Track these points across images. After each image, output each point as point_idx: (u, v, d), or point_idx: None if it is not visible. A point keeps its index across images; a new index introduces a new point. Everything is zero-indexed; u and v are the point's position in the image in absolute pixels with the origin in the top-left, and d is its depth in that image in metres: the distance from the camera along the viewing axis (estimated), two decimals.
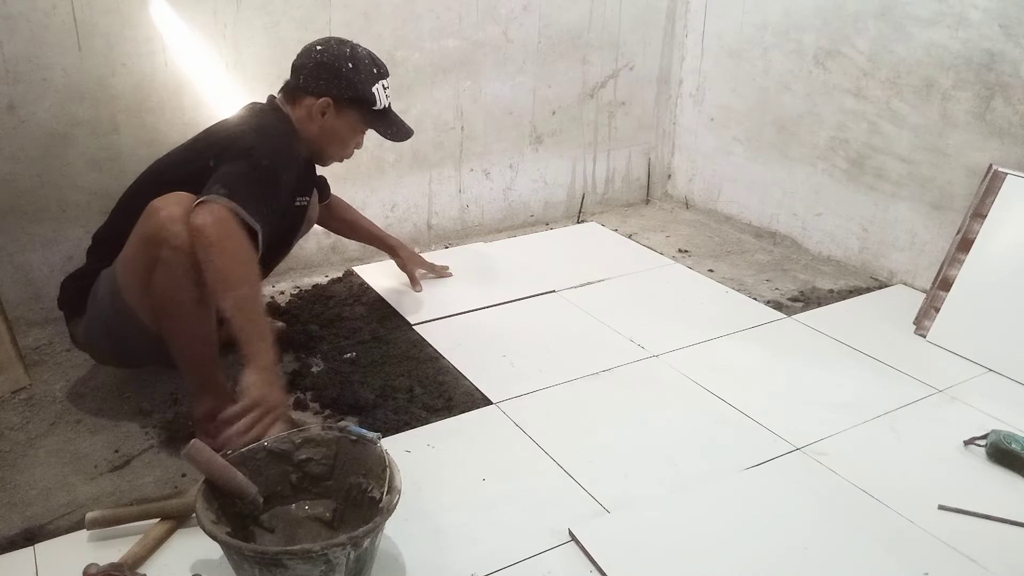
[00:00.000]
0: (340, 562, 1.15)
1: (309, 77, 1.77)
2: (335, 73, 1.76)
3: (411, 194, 2.71)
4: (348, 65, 1.76)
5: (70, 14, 1.97)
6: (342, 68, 1.76)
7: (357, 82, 1.77)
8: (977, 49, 2.16)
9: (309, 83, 1.77)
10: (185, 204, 1.49)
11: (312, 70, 1.77)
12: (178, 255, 1.47)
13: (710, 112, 3.05)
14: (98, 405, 1.80)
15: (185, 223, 1.47)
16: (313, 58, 1.77)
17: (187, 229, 1.46)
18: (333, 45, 1.79)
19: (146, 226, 1.51)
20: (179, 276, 1.49)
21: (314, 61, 1.77)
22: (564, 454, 1.64)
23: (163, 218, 1.48)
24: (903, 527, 1.45)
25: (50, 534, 1.40)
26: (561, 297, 2.37)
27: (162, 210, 1.49)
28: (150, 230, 1.49)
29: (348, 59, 1.77)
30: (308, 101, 1.78)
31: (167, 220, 1.47)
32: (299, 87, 1.78)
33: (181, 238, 1.46)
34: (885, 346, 2.09)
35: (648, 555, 1.36)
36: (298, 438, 1.38)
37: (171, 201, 1.50)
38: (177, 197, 1.52)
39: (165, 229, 1.47)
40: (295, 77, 1.79)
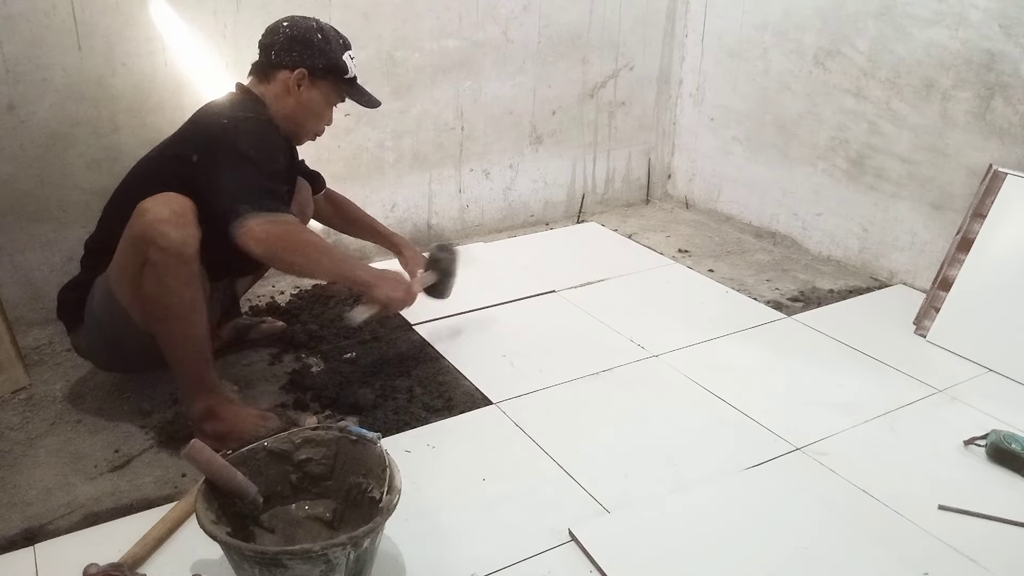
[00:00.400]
0: (340, 562, 1.15)
1: (281, 51, 1.75)
2: (307, 44, 1.74)
3: (411, 194, 2.71)
4: (318, 36, 1.76)
5: (70, 14, 1.97)
6: (313, 39, 1.75)
7: (329, 51, 1.76)
8: (977, 49, 2.16)
9: (282, 57, 1.75)
10: (173, 205, 1.50)
11: (283, 44, 1.75)
12: (166, 256, 1.47)
13: (710, 112, 3.05)
14: (98, 405, 1.80)
15: (174, 224, 1.47)
16: (283, 33, 1.75)
17: (176, 231, 1.47)
18: (299, 20, 1.78)
19: (134, 227, 1.51)
20: (167, 278, 1.49)
21: (284, 36, 1.75)
22: (564, 454, 1.64)
23: (150, 219, 1.48)
24: (903, 527, 1.45)
25: (50, 534, 1.40)
26: (561, 297, 2.37)
27: (149, 211, 1.49)
28: (138, 231, 1.49)
29: (316, 31, 1.76)
30: (283, 75, 1.75)
31: (154, 221, 1.47)
32: (271, 63, 1.76)
33: (169, 239, 1.46)
34: (885, 346, 2.09)
35: (648, 555, 1.36)
36: (298, 438, 1.38)
37: (159, 202, 1.50)
38: (165, 197, 1.51)
39: (153, 229, 1.47)
40: (265, 55, 1.77)
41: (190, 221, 1.51)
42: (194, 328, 1.55)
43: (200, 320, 1.57)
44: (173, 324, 1.54)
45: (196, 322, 1.55)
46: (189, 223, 1.51)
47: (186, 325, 1.54)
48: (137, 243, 1.50)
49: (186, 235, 1.49)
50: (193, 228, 1.51)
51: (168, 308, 1.52)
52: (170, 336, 1.55)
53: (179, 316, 1.53)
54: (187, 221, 1.51)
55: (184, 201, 1.52)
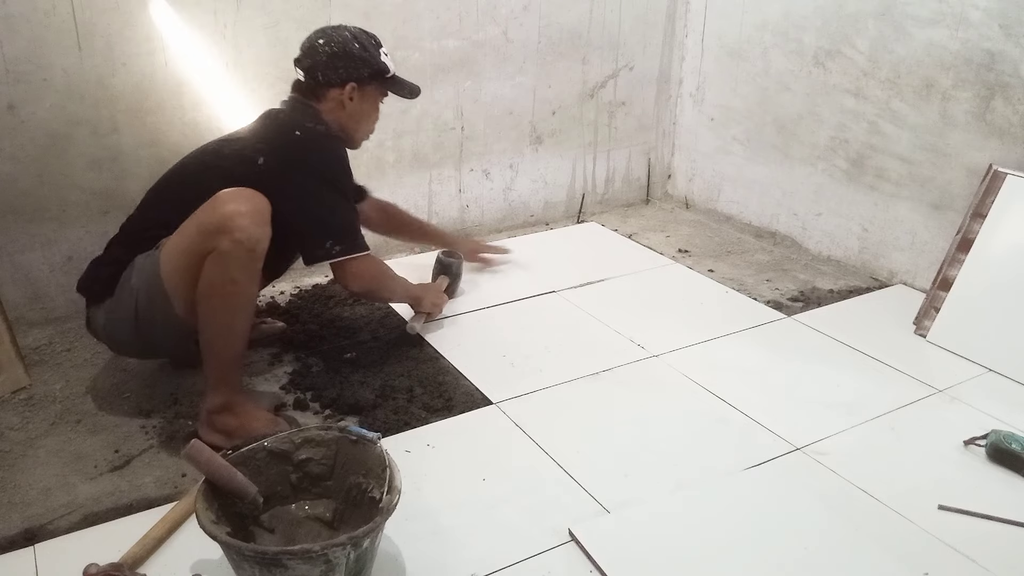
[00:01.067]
0: (340, 562, 1.15)
1: (327, 70, 1.80)
2: (350, 57, 1.80)
3: (411, 194, 2.70)
4: (356, 45, 1.81)
5: (70, 14, 1.97)
6: (352, 50, 1.80)
7: (370, 58, 1.83)
8: (977, 49, 2.16)
9: (329, 76, 1.80)
10: (255, 202, 1.56)
11: (327, 63, 1.79)
12: (238, 249, 1.51)
13: (710, 112, 3.05)
14: (98, 405, 1.80)
15: (252, 220, 1.53)
16: (323, 52, 1.80)
17: (254, 227, 1.53)
18: (331, 33, 1.83)
19: (209, 215, 1.54)
20: (233, 270, 1.53)
21: (325, 54, 1.80)
22: (564, 454, 1.64)
23: (231, 211, 1.52)
24: (903, 527, 1.45)
25: (50, 534, 1.40)
26: (561, 297, 2.37)
27: (230, 203, 1.53)
28: (214, 219, 1.53)
29: (353, 40, 1.81)
30: (333, 93, 1.82)
31: (235, 213, 1.52)
32: (320, 84, 1.81)
33: (247, 232, 1.51)
34: (885, 346, 2.09)
35: (648, 555, 1.36)
36: (298, 438, 1.38)
37: (241, 196, 1.55)
38: (248, 193, 1.56)
39: (232, 221, 1.51)
40: (311, 77, 1.82)
41: (267, 221, 1.58)
42: (242, 323, 1.60)
43: (248, 317, 1.62)
44: (225, 315, 1.57)
45: (245, 318, 1.61)
46: (266, 223, 1.57)
47: (236, 318, 1.58)
48: (208, 230, 1.53)
49: (261, 233, 1.56)
50: (268, 228, 1.58)
51: (225, 299, 1.55)
52: (217, 325, 1.58)
53: (233, 308, 1.57)
54: (264, 220, 1.57)
55: (264, 201, 1.58)
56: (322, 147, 1.76)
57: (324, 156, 1.76)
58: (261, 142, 1.73)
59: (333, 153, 1.79)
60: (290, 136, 1.73)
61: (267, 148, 1.70)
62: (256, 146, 1.72)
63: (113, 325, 1.71)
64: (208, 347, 1.60)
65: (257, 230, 1.54)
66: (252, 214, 1.54)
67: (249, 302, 1.60)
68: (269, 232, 1.58)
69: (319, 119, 1.80)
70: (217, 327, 1.58)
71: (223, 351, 1.60)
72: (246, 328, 1.62)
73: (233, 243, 1.51)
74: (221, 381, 1.62)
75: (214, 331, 1.58)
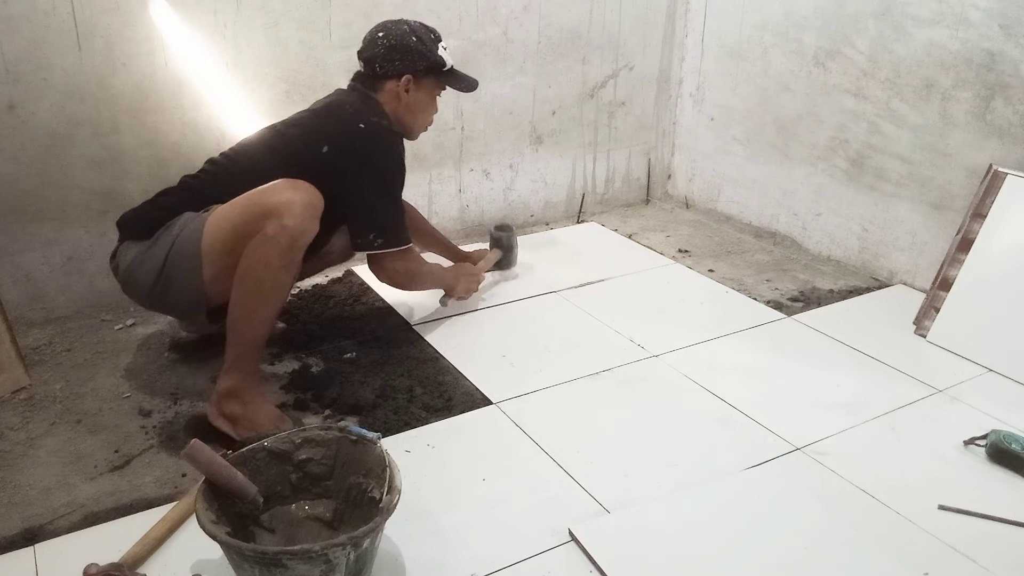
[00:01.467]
0: (340, 562, 1.15)
1: (385, 62, 1.86)
2: (407, 50, 1.86)
3: (411, 194, 2.70)
4: (413, 39, 1.87)
5: (70, 14, 1.97)
6: (410, 43, 1.86)
7: (426, 52, 1.88)
8: (977, 49, 2.16)
9: (387, 68, 1.86)
10: (311, 195, 1.61)
11: (385, 55, 1.85)
12: (284, 235, 1.55)
13: (710, 112, 3.05)
14: (98, 405, 1.80)
15: (304, 210, 1.57)
16: (381, 44, 1.86)
17: (305, 218, 1.57)
18: (391, 27, 1.89)
19: (264, 197, 1.58)
20: (274, 255, 1.56)
21: (383, 47, 1.85)
22: (564, 454, 1.64)
23: (286, 198, 1.57)
24: (903, 527, 1.45)
25: (50, 534, 1.40)
26: (561, 297, 2.37)
27: (287, 191, 1.59)
28: (268, 202, 1.57)
29: (411, 34, 1.87)
30: (390, 85, 1.88)
31: (290, 201, 1.56)
32: (378, 75, 1.88)
33: (296, 220, 1.56)
34: (885, 346, 2.09)
35: (648, 555, 1.36)
36: (298, 438, 1.38)
37: (299, 186, 1.60)
38: (305, 185, 1.61)
39: (285, 207, 1.55)
40: (370, 68, 1.88)
41: (317, 216, 1.62)
42: (271, 310, 1.62)
43: (278, 305, 1.64)
44: (256, 298, 1.58)
45: (275, 305, 1.62)
46: (316, 217, 1.61)
47: (266, 304, 1.60)
48: (259, 211, 1.57)
49: (309, 226, 1.60)
50: (316, 223, 1.62)
51: (260, 282, 1.57)
52: (246, 307, 1.59)
53: (265, 293, 1.59)
54: (315, 214, 1.61)
55: (319, 197, 1.63)
56: (383, 143, 1.83)
57: (384, 152, 1.83)
58: (326, 130, 1.79)
59: (392, 149, 1.86)
60: (355, 128, 1.79)
61: (332, 137, 1.77)
62: (321, 134, 1.78)
63: (138, 265, 1.71)
64: (232, 328, 1.62)
65: (305, 222, 1.58)
66: (305, 205, 1.58)
67: (281, 290, 1.62)
68: (316, 227, 1.62)
69: (382, 113, 1.86)
70: (245, 310, 1.59)
71: (246, 334, 1.61)
72: (272, 317, 1.63)
73: (280, 228, 1.54)
74: (237, 364, 1.63)
75: (241, 313, 1.60)
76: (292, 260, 1.60)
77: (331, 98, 1.92)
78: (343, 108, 1.85)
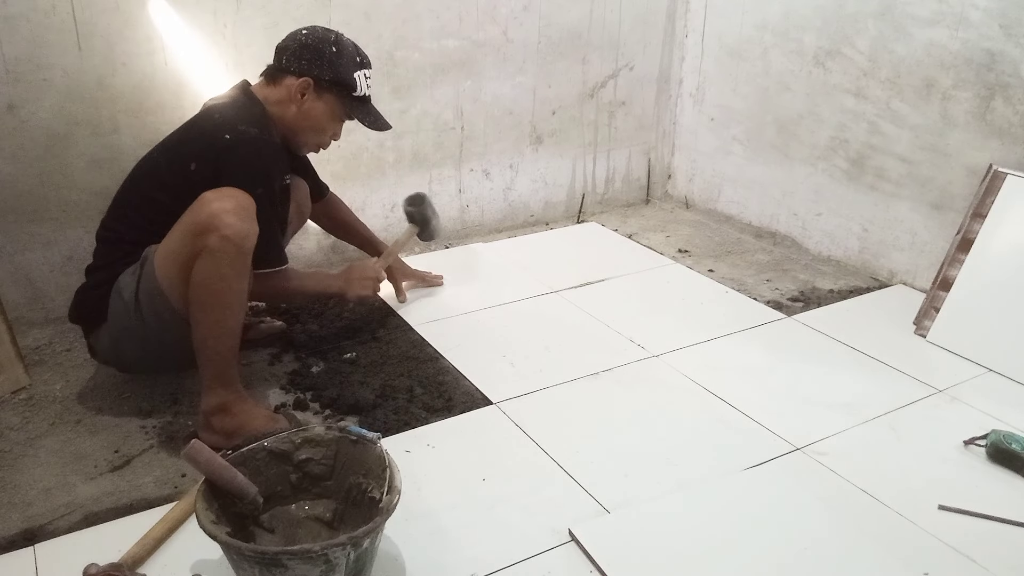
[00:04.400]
0: (340, 562, 1.15)
1: (291, 57, 1.77)
2: (318, 54, 1.76)
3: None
4: (332, 49, 1.77)
5: (70, 14, 1.97)
6: (325, 50, 1.77)
7: (339, 65, 1.77)
8: (977, 49, 2.16)
9: (291, 63, 1.77)
10: (239, 198, 1.57)
11: (295, 51, 1.77)
12: (227, 244, 1.52)
13: (710, 112, 3.05)
14: (98, 405, 1.80)
15: (238, 216, 1.53)
16: (297, 40, 1.78)
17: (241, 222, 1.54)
18: (319, 30, 1.80)
19: (196, 215, 1.55)
20: (223, 266, 1.53)
21: (298, 43, 1.77)
22: (564, 454, 1.64)
23: (216, 209, 1.53)
24: (903, 527, 1.45)
25: (50, 534, 1.40)
26: (561, 297, 2.37)
27: (214, 201, 1.54)
28: (201, 219, 1.53)
29: (332, 44, 1.78)
30: (288, 81, 1.77)
31: (220, 211, 1.53)
32: (280, 67, 1.78)
33: (233, 228, 1.52)
34: (885, 346, 2.09)
35: (648, 555, 1.36)
36: (298, 438, 1.38)
37: (224, 194, 1.56)
38: (230, 191, 1.57)
39: (218, 219, 1.52)
40: (278, 58, 1.80)
41: (252, 216, 1.58)
42: (234, 319, 1.60)
43: (240, 313, 1.61)
44: (216, 312, 1.56)
45: (237, 314, 1.60)
46: (251, 218, 1.58)
47: (228, 315, 1.58)
48: (197, 231, 1.54)
49: (248, 228, 1.56)
50: (255, 224, 1.58)
51: (216, 295, 1.55)
52: (209, 324, 1.57)
53: (224, 305, 1.56)
54: (250, 216, 1.58)
55: (248, 197, 1.58)
56: (249, 154, 1.66)
57: (250, 164, 1.66)
58: (192, 146, 1.69)
59: (259, 161, 1.68)
60: (220, 140, 1.65)
61: (198, 152, 1.66)
62: (187, 151, 1.68)
63: (119, 343, 1.71)
64: (201, 347, 1.59)
65: (243, 225, 1.55)
66: (237, 210, 1.54)
67: (240, 299, 1.59)
68: (256, 228, 1.58)
69: (257, 118, 1.73)
70: (209, 325, 1.57)
71: (216, 350, 1.59)
72: (238, 326, 1.61)
73: (221, 239, 1.51)
74: (216, 381, 1.61)
75: (206, 330, 1.57)
76: (244, 266, 1.57)
77: (205, 107, 1.81)
78: (210, 119, 1.73)
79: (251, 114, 1.74)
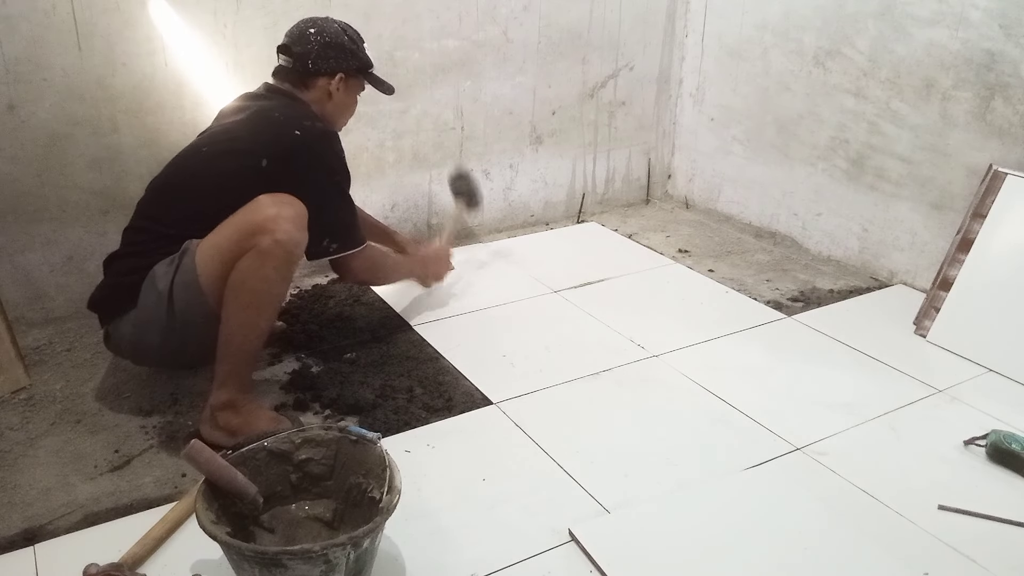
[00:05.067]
0: (340, 562, 1.15)
1: (319, 59, 1.82)
2: (341, 48, 1.83)
3: (411, 194, 2.70)
4: (346, 37, 1.85)
5: (70, 14, 1.97)
6: (343, 42, 1.84)
7: (358, 51, 1.87)
8: (977, 49, 2.16)
9: (320, 65, 1.82)
10: (296, 207, 1.61)
11: (320, 52, 1.81)
12: (279, 249, 1.55)
13: (710, 112, 3.05)
14: (98, 405, 1.80)
15: (294, 223, 1.58)
16: (315, 41, 1.81)
17: (297, 231, 1.59)
18: (321, 23, 1.84)
19: (252, 216, 1.58)
20: (269, 268, 1.56)
21: (318, 43, 1.81)
22: (564, 454, 1.64)
23: (273, 214, 1.57)
24: (903, 527, 1.45)
25: (50, 534, 1.40)
26: (561, 297, 2.37)
27: (272, 206, 1.58)
28: (257, 220, 1.57)
29: (343, 32, 1.85)
30: (322, 82, 1.84)
31: (278, 216, 1.57)
32: (310, 72, 1.83)
33: (289, 235, 1.57)
34: (885, 346, 2.09)
35: (648, 555, 1.36)
36: (298, 438, 1.38)
37: (283, 200, 1.60)
38: (288, 198, 1.61)
39: (275, 223, 1.56)
40: (302, 63, 1.82)
41: (304, 226, 1.62)
42: (267, 322, 1.63)
43: (272, 318, 1.66)
44: (251, 312, 1.59)
45: (270, 318, 1.64)
46: (304, 228, 1.62)
47: (261, 317, 1.61)
48: (249, 230, 1.56)
49: (301, 238, 1.61)
50: (307, 233, 1.62)
51: (255, 295, 1.57)
52: (240, 322, 1.59)
53: (260, 306, 1.59)
54: (303, 225, 1.62)
55: (303, 206, 1.62)
56: (324, 146, 1.78)
57: (328, 155, 1.78)
58: (261, 142, 1.71)
59: (334, 150, 1.81)
60: (291, 135, 1.71)
61: (269, 149, 1.69)
62: (256, 147, 1.70)
63: (142, 333, 1.67)
64: (226, 341, 1.60)
65: (298, 234, 1.59)
66: (294, 218, 1.59)
67: (277, 302, 1.63)
68: (307, 237, 1.62)
69: (312, 114, 1.82)
70: (240, 322, 1.59)
71: (241, 347, 1.61)
72: (268, 329, 1.64)
73: (274, 243, 1.55)
74: (231, 377, 1.62)
75: (236, 325, 1.59)
76: (289, 272, 1.62)
77: (251, 107, 1.80)
78: (271, 116, 1.76)
79: (307, 111, 1.81)
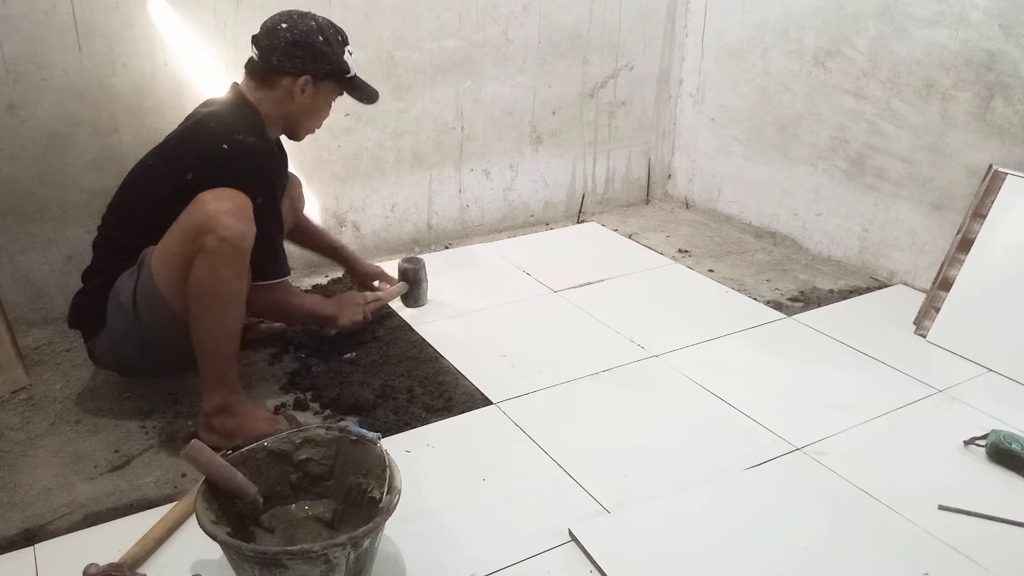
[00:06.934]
0: (340, 562, 1.15)
1: (284, 57, 1.70)
2: (310, 48, 1.71)
3: (411, 194, 2.70)
4: (320, 38, 1.72)
5: (70, 14, 1.97)
6: (315, 42, 1.71)
7: (331, 54, 1.74)
8: (977, 49, 2.16)
9: (284, 63, 1.70)
10: (235, 199, 1.55)
11: (286, 50, 1.70)
12: (224, 246, 1.51)
13: (710, 112, 3.05)
14: (98, 405, 1.80)
15: (235, 216, 1.53)
16: (283, 37, 1.70)
17: (238, 223, 1.53)
18: (297, 19, 1.72)
19: (193, 216, 1.54)
20: (220, 267, 1.53)
21: (285, 40, 1.69)
22: (564, 454, 1.64)
23: (212, 209, 1.52)
24: (903, 527, 1.45)
25: (50, 534, 1.40)
26: (561, 297, 2.37)
27: (211, 202, 1.53)
28: (198, 220, 1.53)
29: (318, 32, 1.72)
30: (286, 82, 1.72)
31: (217, 212, 1.52)
32: (273, 69, 1.71)
33: (231, 229, 1.52)
34: (885, 346, 2.09)
35: (648, 555, 1.36)
36: (298, 438, 1.39)
37: (221, 195, 1.55)
38: (227, 192, 1.56)
39: (215, 219, 1.51)
40: (266, 59, 1.71)
41: (250, 217, 1.57)
42: (234, 320, 1.59)
43: (240, 314, 1.61)
44: (215, 314, 1.56)
45: (236, 315, 1.60)
46: (249, 219, 1.57)
47: (227, 317, 1.58)
48: (194, 231, 1.53)
49: (246, 229, 1.55)
50: (252, 225, 1.57)
51: (215, 296, 1.55)
52: (208, 326, 1.57)
53: (223, 307, 1.56)
54: (247, 216, 1.57)
55: (245, 198, 1.57)
56: (249, 164, 1.64)
57: (252, 175, 1.64)
58: (190, 155, 1.66)
59: (261, 169, 1.68)
60: (218, 151, 1.62)
61: (195, 161, 1.63)
62: (184, 159, 1.65)
63: (119, 347, 1.70)
64: (201, 348, 1.59)
65: (241, 226, 1.54)
66: (235, 211, 1.53)
67: (239, 299, 1.59)
68: (254, 228, 1.57)
69: (254, 126, 1.71)
70: (208, 327, 1.57)
71: (216, 350, 1.59)
72: (237, 326, 1.61)
73: (219, 240, 1.51)
74: (217, 382, 1.61)
75: (206, 330, 1.57)
76: (241, 266, 1.56)
77: (198, 114, 1.76)
78: (207, 127, 1.69)
79: (248, 122, 1.71)
